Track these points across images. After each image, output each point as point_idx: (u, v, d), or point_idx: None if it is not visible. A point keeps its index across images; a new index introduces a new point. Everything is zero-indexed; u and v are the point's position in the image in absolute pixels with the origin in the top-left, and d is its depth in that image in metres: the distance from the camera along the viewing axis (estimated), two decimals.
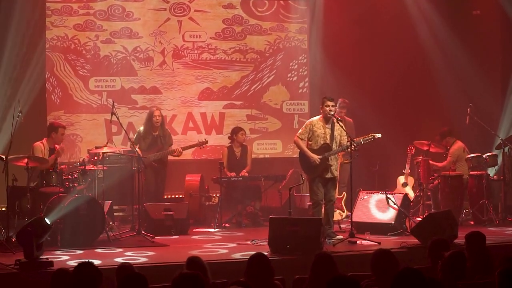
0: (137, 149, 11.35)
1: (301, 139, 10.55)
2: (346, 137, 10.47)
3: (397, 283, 4.81)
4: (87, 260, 5.63)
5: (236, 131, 12.68)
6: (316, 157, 10.36)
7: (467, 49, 14.36)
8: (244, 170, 12.45)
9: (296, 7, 14.63)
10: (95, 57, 13.48)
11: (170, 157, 12.76)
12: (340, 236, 10.35)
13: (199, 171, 12.85)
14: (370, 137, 10.60)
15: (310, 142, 10.52)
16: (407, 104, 14.68)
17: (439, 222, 9.93)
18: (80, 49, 13.40)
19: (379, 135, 11.18)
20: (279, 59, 14.54)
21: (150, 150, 11.76)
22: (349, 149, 10.34)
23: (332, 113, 10.44)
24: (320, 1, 14.53)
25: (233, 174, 12.33)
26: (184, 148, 12.15)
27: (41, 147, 10.86)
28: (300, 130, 10.69)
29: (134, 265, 6.41)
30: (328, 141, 10.44)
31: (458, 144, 12.69)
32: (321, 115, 10.59)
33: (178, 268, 5.70)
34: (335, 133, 10.49)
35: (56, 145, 11.14)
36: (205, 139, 12.57)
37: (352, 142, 10.25)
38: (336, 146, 10.47)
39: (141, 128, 12.02)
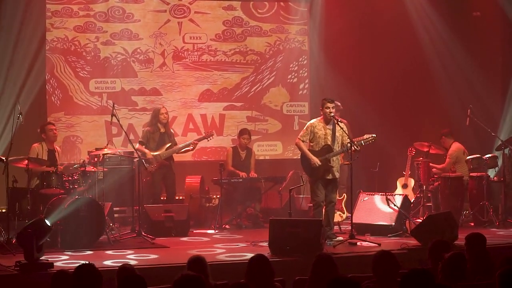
0: (144, 149, 11.42)
1: (303, 141, 10.54)
2: (347, 137, 10.47)
3: (406, 283, 4.83)
4: (87, 262, 5.63)
5: (241, 133, 12.68)
6: (316, 160, 10.36)
7: (467, 51, 14.37)
8: (252, 171, 12.48)
9: (296, 8, 14.63)
10: (95, 59, 13.48)
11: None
12: (340, 238, 10.34)
13: (199, 173, 12.85)
14: (370, 138, 10.59)
15: (311, 144, 10.52)
16: (407, 105, 14.69)
17: (439, 224, 9.92)
18: (80, 51, 13.40)
19: (373, 135, 11.16)
20: (279, 61, 14.54)
21: (159, 148, 11.76)
22: (350, 150, 10.33)
23: (332, 114, 10.44)
24: (320, 3, 14.54)
25: (244, 174, 12.34)
26: (198, 140, 12.15)
27: (38, 148, 10.85)
28: (301, 132, 10.69)
29: (134, 267, 6.41)
30: (329, 142, 10.44)
31: (457, 146, 12.68)
32: (321, 117, 10.60)
33: (178, 269, 5.71)
34: (337, 133, 10.48)
35: (56, 146, 11.15)
36: (209, 131, 12.51)
37: (353, 143, 10.26)
38: (338, 147, 10.47)
39: (148, 128, 11.95)
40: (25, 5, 12.74)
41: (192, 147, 12.04)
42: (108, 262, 8.75)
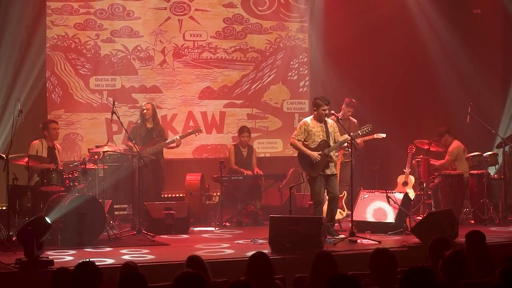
0: (131, 145, 11.42)
1: (298, 140, 10.58)
2: (339, 133, 10.58)
3: (406, 281, 4.83)
4: (87, 260, 5.63)
5: (241, 131, 12.69)
6: (316, 154, 10.39)
7: (467, 48, 14.36)
8: (256, 168, 12.48)
9: (296, 6, 14.62)
10: (96, 56, 13.47)
11: (171, 156, 12.81)
12: (342, 235, 10.34)
13: (199, 170, 12.85)
14: (366, 127, 10.64)
15: (307, 142, 10.55)
16: (408, 103, 14.68)
17: (440, 221, 9.92)
18: (80, 48, 13.39)
19: (383, 135, 11.23)
20: (280, 58, 14.54)
21: (146, 144, 11.78)
22: (347, 144, 10.38)
23: (331, 114, 10.52)
24: (320, 0, 14.52)
25: (249, 172, 12.34)
26: (182, 137, 12.20)
27: (38, 145, 10.85)
28: (295, 132, 10.73)
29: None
30: (325, 138, 10.49)
31: (457, 143, 12.68)
32: (313, 116, 10.65)
33: (178, 267, 5.70)
34: (329, 129, 10.55)
35: (56, 143, 11.15)
36: (196, 127, 12.71)
37: (352, 140, 10.29)
38: (332, 143, 10.52)
39: (135, 124, 12.03)
40: (25, 2, 12.73)
41: (176, 144, 12.04)
42: (108, 260, 8.76)
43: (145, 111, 12.02)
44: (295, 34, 14.65)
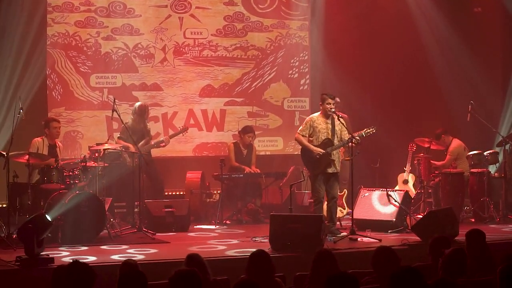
0: (127, 144, 11.39)
1: (302, 135, 10.57)
2: (346, 132, 10.50)
3: (395, 283, 4.80)
4: (76, 260, 5.53)
5: (245, 131, 12.61)
6: (318, 149, 10.38)
7: (468, 47, 14.37)
8: (253, 167, 12.47)
9: (297, 4, 14.62)
10: (96, 54, 13.46)
11: (171, 154, 12.81)
12: (344, 233, 10.34)
13: (200, 168, 12.85)
14: (371, 129, 10.62)
15: (311, 138, 10.54)
16: (408, 101, 14.68)
17: (440, 220, 9.93)
18: (81, 46, 13.38)
19: (372, 127, 11.19)
20: (280, 56, 14.53)
21: (138, 142, 11.74)
22: (350, 144, 10.35)
23: (333, 110, 10.49)
24: None
25: (249, 169, 12.32)
26: (171, 136, 12.22)
27: (39, 143, 10.84)
28: (301, 127, 10.72)
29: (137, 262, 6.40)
30: (329, 136, 10.47)
31: (457, 142, 12.68)
32: (320, 112, 10.62)
33: (178, 265, 5.70)
34: (336, 128, 10.52)
35: (57, 141, 11.15)
36: (181, 126, 12.67)
37: (353, 137, 10.28)
38: (338, 141, 10.49)
39: (129, 123, 11.85)
40: (26, 0, 12.73)
41: (163, 144, 12.02)
42: (108, 258, 8.76)
43: (148, 113, 12.01)
44: (295, 32, 14.64)
